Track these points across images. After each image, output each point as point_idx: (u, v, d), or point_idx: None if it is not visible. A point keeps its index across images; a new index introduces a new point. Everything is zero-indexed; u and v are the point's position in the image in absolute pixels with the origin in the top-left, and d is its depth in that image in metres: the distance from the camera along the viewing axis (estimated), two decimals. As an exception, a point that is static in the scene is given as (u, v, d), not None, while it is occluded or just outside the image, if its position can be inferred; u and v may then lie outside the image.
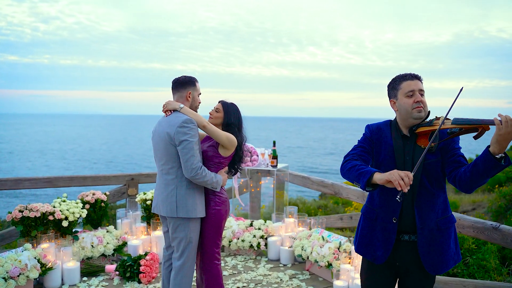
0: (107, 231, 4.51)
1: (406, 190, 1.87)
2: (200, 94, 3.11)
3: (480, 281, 3.24)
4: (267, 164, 5.40)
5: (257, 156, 5.34)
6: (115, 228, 4.80)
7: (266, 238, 4.78)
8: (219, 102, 3.14)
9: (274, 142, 5.43)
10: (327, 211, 10.77)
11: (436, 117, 2.24)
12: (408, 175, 1.89)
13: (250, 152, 5.29)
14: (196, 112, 3.07)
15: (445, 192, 2.32)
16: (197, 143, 2.90)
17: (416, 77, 2.28)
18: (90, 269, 4.22)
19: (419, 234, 2.23)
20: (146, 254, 4.12)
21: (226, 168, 3.15)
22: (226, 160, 3.08)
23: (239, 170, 3.22)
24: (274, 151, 5.33)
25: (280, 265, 4.58)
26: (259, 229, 4.86)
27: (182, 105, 2.95)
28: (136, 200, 4.88)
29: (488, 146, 1.97)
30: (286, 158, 39.26)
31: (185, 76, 3.04)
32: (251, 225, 4.93)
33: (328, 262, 4.01)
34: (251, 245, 4.75)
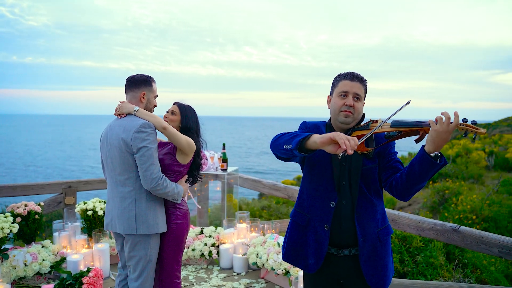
0: (42, 246, 4.05)
1: (351, 152, 1.71)
2: (157, 96, 2.82)
3: (439, 283, 3.27)
4: (217, 168, 5.18)
5: (206, 159, 5.11)
6: (52, 242, 4.32)
7: (218, 246, 4.56)
8: (174, 104, 2.88)
9: (223, 145, 5.22)
10: (271, 212, 10.72)
11: (370, 120, 2.12)
12: (354, 139, 1.73)
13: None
14: None
15: (382, 200, 2.23)
16: (157, 149, 2.63)
17: (357, 78, 2.12)
18: (23, 290, 3.77)
19: (361, 247, 2.10)
20: (88, 271, 3.74)
21: (186, 176, 2.90)
22: (185, 168, 2.81)
23: (198, 178, 2.98)
24: (224, 154, 5.12)
25: (234, 273, 4.38)
26: (210, 236, 4.63)
27: (137, 108, 2.65)
28: (76, 210, 4.45)
29: (423, 146, 1.87)
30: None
31: (140, 74, 2.73)
32: (201, 232, 4.69)
33: (285, 269, 3.87)
34: (202, 254, 4.51)
